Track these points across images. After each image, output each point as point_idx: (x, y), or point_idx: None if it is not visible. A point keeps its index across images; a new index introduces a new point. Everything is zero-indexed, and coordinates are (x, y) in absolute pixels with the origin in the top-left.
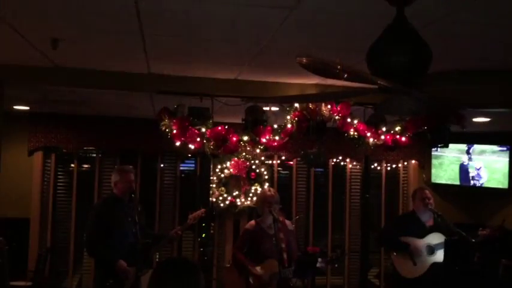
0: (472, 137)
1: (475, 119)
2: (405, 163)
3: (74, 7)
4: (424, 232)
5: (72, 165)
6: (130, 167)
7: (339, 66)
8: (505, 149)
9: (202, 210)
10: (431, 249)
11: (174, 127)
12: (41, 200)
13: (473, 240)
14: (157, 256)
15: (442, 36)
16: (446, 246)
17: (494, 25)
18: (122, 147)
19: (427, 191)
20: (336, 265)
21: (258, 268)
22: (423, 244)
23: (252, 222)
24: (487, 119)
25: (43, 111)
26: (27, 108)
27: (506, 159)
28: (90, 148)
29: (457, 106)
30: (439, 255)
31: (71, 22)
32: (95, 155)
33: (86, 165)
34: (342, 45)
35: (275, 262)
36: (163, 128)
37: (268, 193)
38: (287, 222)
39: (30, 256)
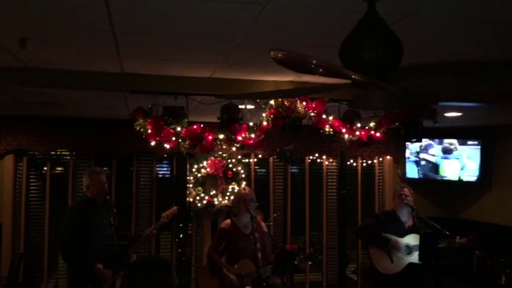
0: (445, 132)
1: (447, 114)
2: (380, 159)
3: (41, 4)
4: (403, 232)
5: (45, 168)
6: (104, 168)
7: (314, 61)
8: (476, 143)
9: (175, 207)
10: (410, 250)
11: (148, 127)
12: (13, 204)
13: (448, 233)
14: (135, 258)
15: (413, 31)
16: (422, 239)
17: (463, 20)
18: (96, 148)
19: (405, 189)
20: (310, 262)
21: (232, 270)
22: (403, 243)
23: (228, 221)
24: (459, 114)
25: (13, 113)
26: None
27: (478, 153)
28: (63, 150)
29: (429, 100)
30: (416, 257)
31: (39, 20)
32: (68, 157)
33: (59, 168)
34: (315, 41)
35: (250, 262)
36: (138, 128)
37: (243, 191)
38: (262, 224)
39: (3, 261)
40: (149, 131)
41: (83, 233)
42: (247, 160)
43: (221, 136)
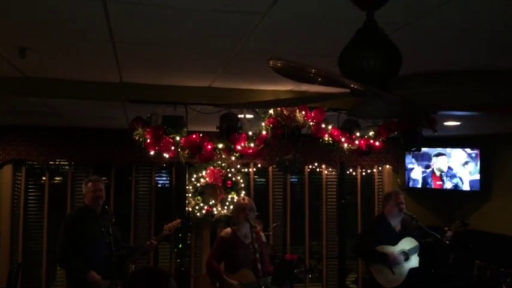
0: (444, 141)
1: (445, 123)
2: (380, 168)
3: (41, 14)
4: (396, 238)
5: (44, 178)
6: (103, 178)
7: (313, 70)
8: (476, 152)
9: (178, 220)
10: (407, 255)
11: (148, 136)
12: (12, 214)
13: (447, 242)
14: (133, 268)
15: (412, 40)
16: (422, 249)
17: (462, 29)
18: (95, 158)
19: (401, 196)
20: (310, 275)
21: (232, 278)
22: (398, 251)
23: (228, 230)
24: (458, 123)
25: (12, 123)
26: None
27: (477, 162)
28: (62, 160)
29: (428, 109)
30: (414, 261)
31: (38, 30)
32: (67, 167)
33: (57, 178)
34: (314, 51)
35: (250, 272)
36: (137, 138)
37: (243, 201)
38: (261, 233)
39: (0, 272)
40: (148, 140)
41: (78, 241)
42: (246, 169)
43: (220, 145)
